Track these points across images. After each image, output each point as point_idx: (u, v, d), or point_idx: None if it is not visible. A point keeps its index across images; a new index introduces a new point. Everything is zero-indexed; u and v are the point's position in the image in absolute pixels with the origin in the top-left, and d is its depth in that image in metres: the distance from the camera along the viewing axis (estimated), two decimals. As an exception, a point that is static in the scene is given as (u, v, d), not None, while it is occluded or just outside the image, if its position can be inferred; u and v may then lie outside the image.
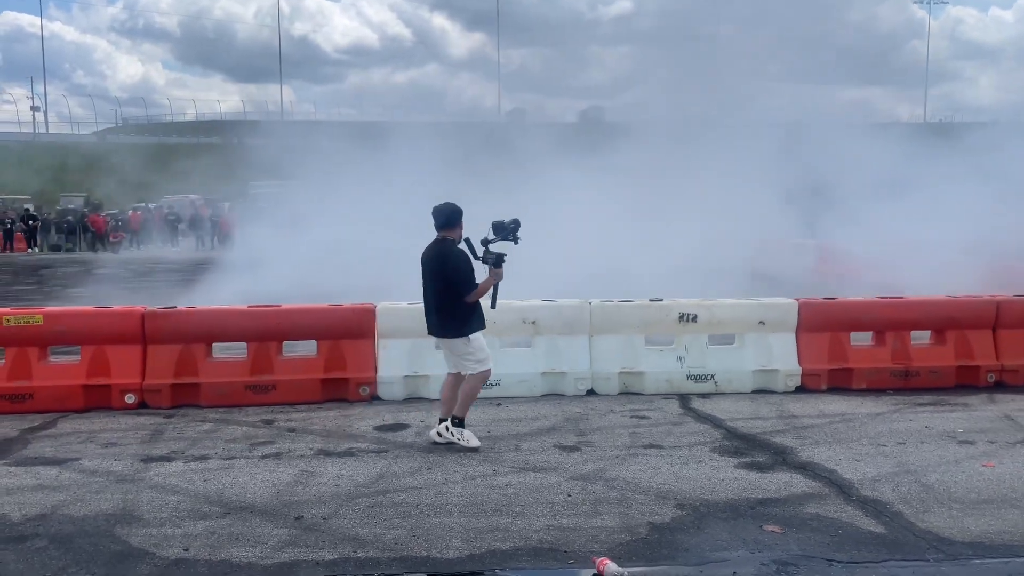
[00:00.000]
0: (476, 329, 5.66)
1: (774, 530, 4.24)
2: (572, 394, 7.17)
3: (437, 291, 5.63)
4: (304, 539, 4.15)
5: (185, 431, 6.15)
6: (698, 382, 7.26)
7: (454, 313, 5.61)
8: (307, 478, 5.08)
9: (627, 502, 4.64)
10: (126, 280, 18.95)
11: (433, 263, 5.63)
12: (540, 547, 4.04)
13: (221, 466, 5.32)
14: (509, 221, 5.59)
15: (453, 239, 5.61)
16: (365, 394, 7.07)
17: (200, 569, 3.81)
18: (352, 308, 7.36)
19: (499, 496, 4.74)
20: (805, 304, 7.46)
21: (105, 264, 23.89)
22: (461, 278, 5.54)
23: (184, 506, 4.60)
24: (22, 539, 4.16)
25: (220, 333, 7.22)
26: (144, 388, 6.79)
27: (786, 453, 5.55)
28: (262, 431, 6.17)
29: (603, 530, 4.24)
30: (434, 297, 5.66)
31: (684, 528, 4.27)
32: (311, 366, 7.12)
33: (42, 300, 14.86)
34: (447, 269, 5.55)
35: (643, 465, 5.29)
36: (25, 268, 22.60)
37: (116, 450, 5.67)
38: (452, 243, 5.60)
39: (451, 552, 3.99)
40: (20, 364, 6.75)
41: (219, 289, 13.40)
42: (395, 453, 5.62)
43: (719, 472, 5.15)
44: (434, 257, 5.63)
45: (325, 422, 6.41)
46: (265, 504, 4.64)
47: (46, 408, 6.65)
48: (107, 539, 4.15)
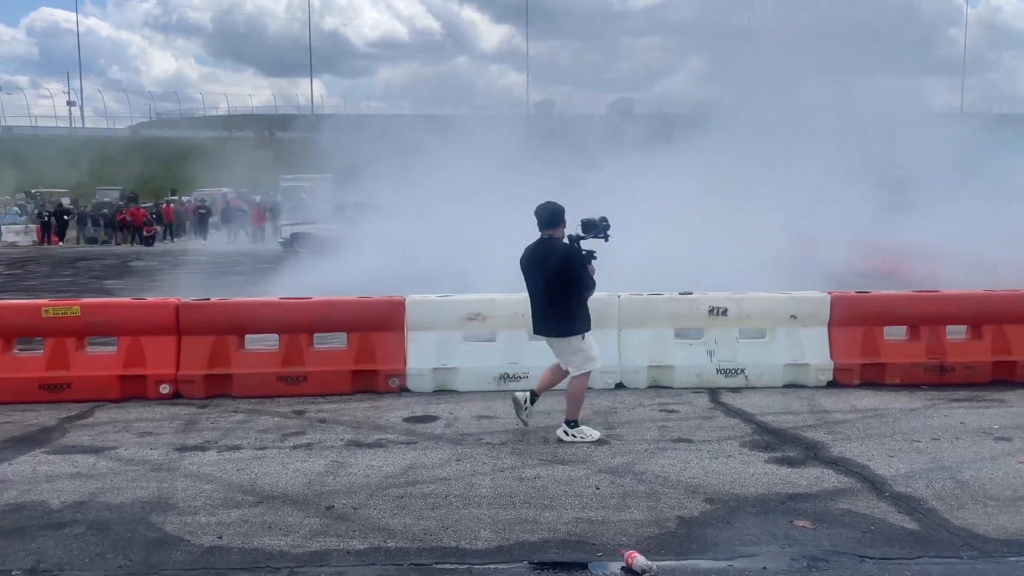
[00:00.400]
0: (588, 327, 5.67)
1: (805, 525, 4.21)
2: (600, 387, 7.15)
3: (550, 290, 5.60)
4: (335, 528, 4.20)
5: (218, 421, 6.25)
6: (728, 376, 7.21)
7: (569, 311, 5.60)
8: (338, 468, 5.14)
9: (656, 496, 4.63)
10: (166, 271, 19.24)
11: (546, 262, 5.58)
12: (568, 539, 4.05)
13: (253, 456, 5.40)
14: (599, 219, 5.62)
15: (559, 237, 5.60)
16: (394, 386, 7.12)
17: (233, 557, 3.87)
18: (382, 301, 7.41)
19: (528, 488, 4.75)
20: (838, 298, 7.37)
21: (142, 256, 24.30)
22: (585, 275, 5.53)
23: (217, 495, 4.67)
24: (61, 525, 4.25)
25: (252, 325, 7.32)
26: (178, 378, 6.90)
27: (817, 448, 5.50)
28: (293, 422, 6.24)
29: (632, 523, 4.24)
30: (546, 296, 5.62)
31: (713, 522, 4.25)
32: (341, 358, 7.19)
33: (79, 292, 15.16)
34: (565, 267, 5.53)
35: (672, 459, 5.27)
36: (62, 260, 23.05)
37: (151, 439, 5.78)
38: (561, 241, 5.58)
39: (480, 543, 4.01)
40: (58, 354, 6.90)
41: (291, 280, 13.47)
42: (424, 445, 5.65)
43: (749, 467, 5.11)
44: (546, 256, 5.59)
45: (355, 413, 6.47)
46: (297, 494, 4.70)
47: (83, 398, 6.79)
48: (143, 526, 4.23)
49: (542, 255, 5.63)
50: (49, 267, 20.92)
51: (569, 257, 5.56)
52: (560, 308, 5.62)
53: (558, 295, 5.60)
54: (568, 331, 5.64)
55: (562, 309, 5.61)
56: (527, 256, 5.73)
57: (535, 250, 5.70)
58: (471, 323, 7.30)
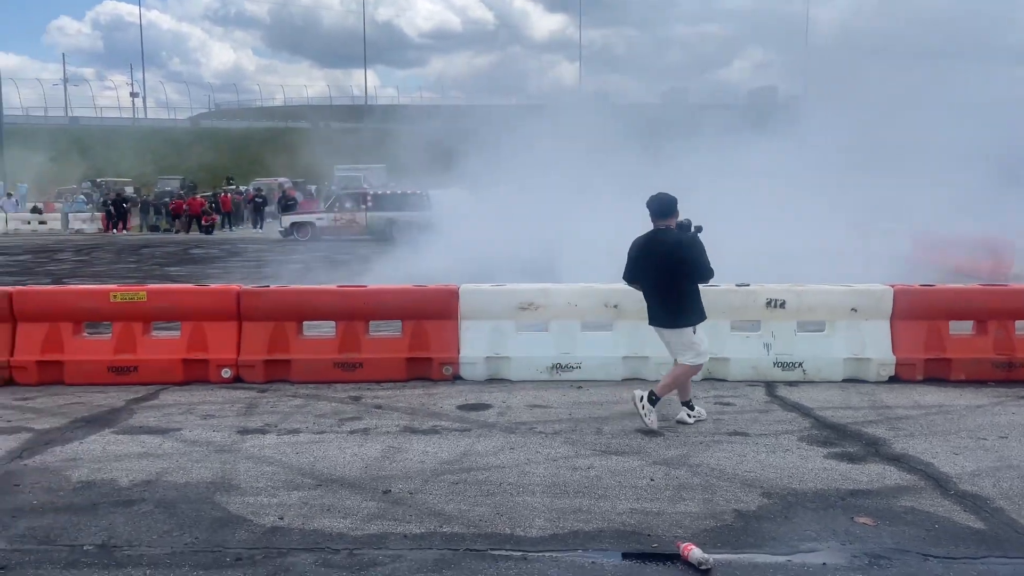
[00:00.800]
0: (703, 318, 5.71)
1: (866, 522, 4.13)
2: (654, 379, 7.08)
3: (672, 281, 5.60)
4: (392, 512, 4.26)
5: (278, 405, 6.39)
6: (785, 369, 7.10)
7: (689, 302, 5.62)
8: (394, 453, 5.21)
9: (711, 488, 4.59)
10: (225, 259, 19.72)
11: (667, 252, 5.58)
12: (623, 530, 4.04)
13: (312, 440, 5.51)
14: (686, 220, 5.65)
15: (672, 228, 5.61)
16: (448, 374, 7.18)
17: (294, 537, 3.96)
18: (436, 289, 7.48)
19: (581, 478, 4.76)
20: (901, 291, 7.17)
21: (201, 244, 24.92)
22: (705, 264, 5.54)
23: (278, 477, 4.79)
24: (130, 503, 4.41)
25: (310, 312, 7.46)
26: (239, 363, 7.07)
27: (879, 444, 5.38)
28: (350, 407, 6.35)
29: (687, 516, 4.21)
30: (666, 287, 5.63)
31: (771, 517, 4.20)
32: (396, 345, 7.28)
33: (144, 278, 15.63)
34: (687, 257, 5.53)
35: (728, 452, 5.22)
36: (126, 248, 23.77)
37: (214, 422, 5.94)
38: (679, 231, 5.58)
39: (534, 531, 4.03)
40: (125, 338, 7.13)
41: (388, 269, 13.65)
42: (478, 432, 5.70)
43: (807, 462, 5.03)
44: (666, 246, 5.59)
45: (410, 400, 6.55)
46: (354, 477, 4.78)
47: (149, 380, 7.00)
48: (207, 505, 4.36)
49: (660, 245, 5.61)
50: (114, 254, 21.60)
51: (691, 246, 5.54)
52: (677, 298, 5.62)
53: (676, 285, 5.60)
54: (684, 321, 5.64)
55: (679, 299, 5.61)
56: (642, 247, 5.72)
57: (651, 241, 5.68)
58: (524, 313, 7.31)
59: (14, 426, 5.83)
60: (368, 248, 21.92)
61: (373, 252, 20.75)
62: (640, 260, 5.74)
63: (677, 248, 5.57)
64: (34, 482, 4.71)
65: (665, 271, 5.63)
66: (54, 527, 4.09)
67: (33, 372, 6.98)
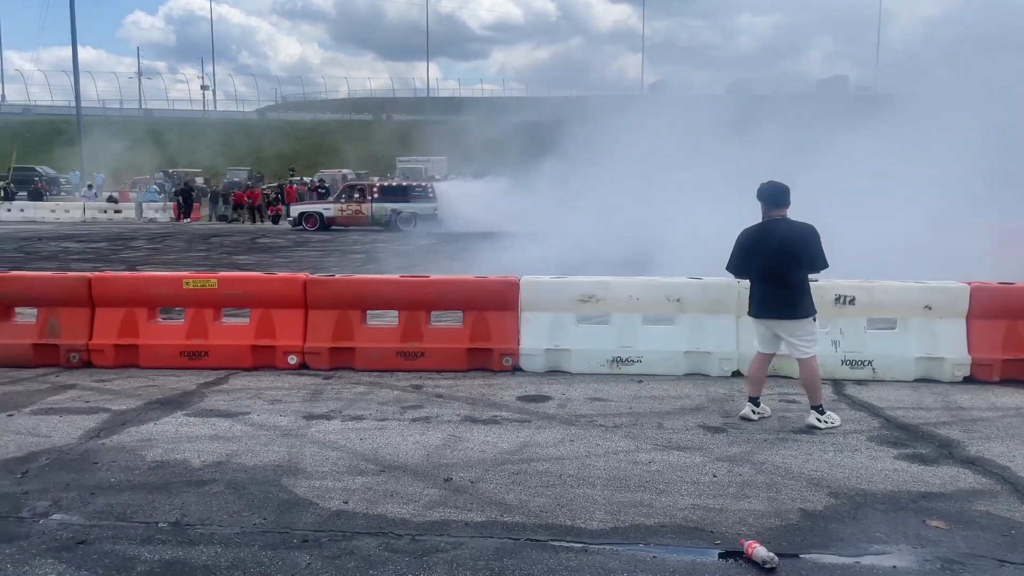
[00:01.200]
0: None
1: (938, 526, 4.00)
2: (716, 375, 7.02)
3: (789, 272, 5.49)
4: (453, 500, 4.31)
5: (342, 392, 6.51)
6: (854, 368, 6.91)
7: (804, 292, 5.53)
8: (455, 442, 5.26)
9: (776, 487, 4.50)
10: (291, 248, 20.17)
11: (785, 242, 5.47)
12: (685, 525, 4.01)
13: (375, 426, 5.60)
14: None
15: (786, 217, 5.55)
16: (508, 365, 7.21)
17: (358, 521, 4.04)
18: (497, 280, 7.51)
19: (642, 472, 4.73)
20: (978, 289, 6.91)
21: (268, 234, 25.52)
22: (823, 253, 5.47)
23: (343, 462, 4.88)
24: (201, 483, 4.55)
25: (374, 301, 7.58)
26: (305, 350, 7.23)
27: (952, 446, 5.20)
28: (411, 395, 6.43)
29: (751, 513, 4.14)
30: (782, 278, 5.50)
31: (839, 517, 4.10)
32: (457, 336, 7.34)
33: (214, 266, 16.09)
34: (806, 247, 5.46)
35: (793, 450, 5.12)
36: (196, 236, 24.48)
37: (281, 407, 6.09)
38: (795, 221, 5.52)
39: (595, 523, 4.02)
40: (197, 324, 7.35)
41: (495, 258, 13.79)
42: (537, 424, 5.71)
43: (877, 462, 4.90)
44: (786, 235, 5.48)
45: (470, 390, 6.60)
46: (416, 465, 4.85)
47: (219, 365, 7.21)
48: (275, 488, 4.47)
49: (775, 235, 5.50)
50: (185, 243, 22.27)
51: (810, 235, 5.45)
52: (795, 289, 5.51)
53: (793, 275, 5.50)
54: (804, 312, 5.53)
55: (797, 290, 5.51)
56: (754, 237, 5.61)
57: (763, 231, 5.58)
58: (584, 305, 7.29)
59: (92, 407, 6.07)
60: (447, 239, 22.15)
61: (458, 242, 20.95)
62: (752, 251, 5.60)
63: (797, 238, 5.45)
64: (111, 460, 4.90)
65: (782, 261, 5.48)
66: (130, 504, 4.25)
67: (110, 355, 7.26)
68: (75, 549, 3.73)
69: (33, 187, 38.57)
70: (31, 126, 61.66)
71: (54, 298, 7.45)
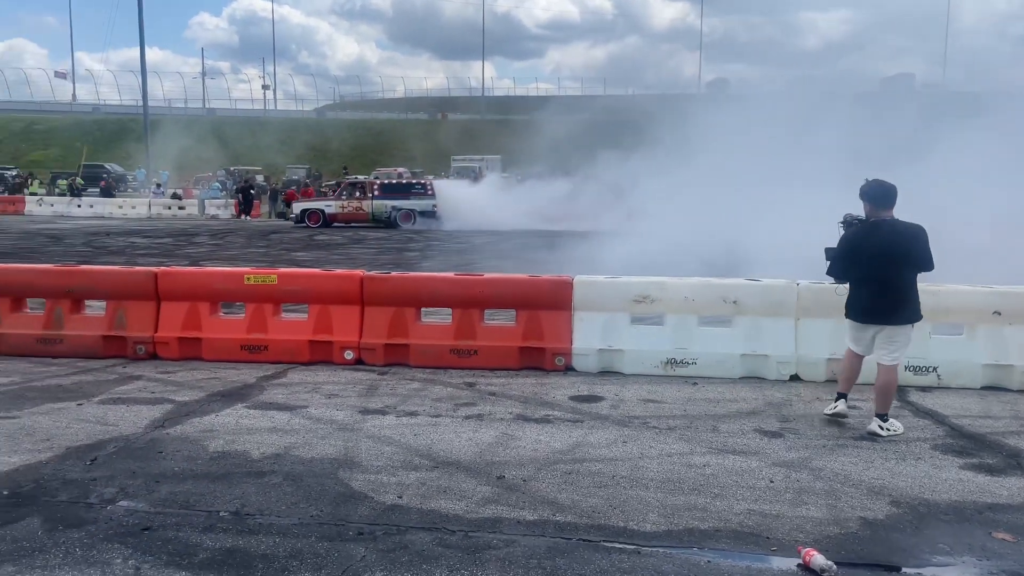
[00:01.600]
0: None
1: (1005, 538, 3.87)
2: (774, 378, 6.90)
3: (897, 274, 5.36)
4: (506, 498, 4.32)
5: (396, 388, 6.59)
6: (917, 374, 6.72)
7: (914, 297, 5.40)
8: (507, 440, 5.28)
9: (835, 494, 4.41)
10: (347, 246, 20.48)
11: (894, 243, 5.32)
12: (740, 531, 3.95)
13: (429, 423, 5.66)
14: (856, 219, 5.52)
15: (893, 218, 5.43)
16: (560, 364, 7.20)
17: (412, 516, 4.08)
18: (550, 280, 7.51)
19: (697, 475, 4.67)
20: (1051, 294, 6.65)
21: (325, 231, 25.94)
22: (931, 256, 5.33)
23: (397, 457, 4.94)
24: (261, 474, 4.66)
25: (428, 298, 7.65)
26: (361, 346, 7.34)
27: (1021, 456, 5.02)
28: (465, 393, 6.47)
29: (809, 520, 4.07)
30: (889, 282, 5.36)
31: (901, 527, 4.00)
32: (510, 334, 7.36)
33: (273, 262, 16.43)
34: (915, 249, 5.31)
35: (854, 457, 5.00)
36: (256, 233, 25.03)
37: (337, 401, 6.19)
38: (906, 223, 5.38)
39: (648, 526, 4.00)
40: (257, 319, 7.53)
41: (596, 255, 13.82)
42: (590, 424, 5.69)
43: (941, 471, 4.76)
44: (894, 236, 5.33)
45: (523, 388, 6.61)
46: (469, 461, 4.88)
47: (278, 359, 7.37)
48: (331, 481, 4.55)
49: (883, 236, 5.35)
50: (245, 239, 22.79)
51: (919, 237, 5.30)
52: (905, 293, 5.37)
53: (901, 278, 5.37)
54: (910, 317, 5.39)
55: (907, 294, 5.38)
56: (860, 238, 5.44)
57: (870, 232, 5.41)
58: (638, 306, 7.24)
59: (158, 397, 6.26)
60: (502, 238, 22.27)
61: (512, 241, 21.08)
62: (856, 253, 5.44)
63: (906, 239, 5.29)
64: (175, 450, 5.05)
65: (889, 264, 5.32)
66: (193, 493, 4.37)
67: (174, 347, 7.49)
68: (140, 535, 3.86)
69: (102, 184, 39.94)
70: (100, 125, 63.89)
71: (122, 292, 7.70)
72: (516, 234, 23.65)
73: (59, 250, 19.06)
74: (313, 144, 58.06)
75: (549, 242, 18.14)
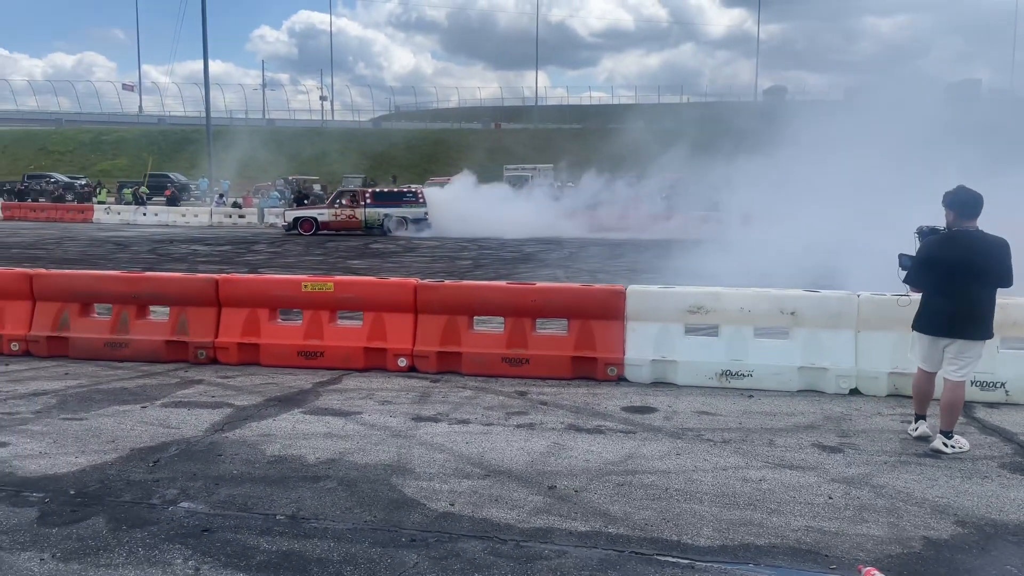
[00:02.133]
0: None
1: (1080, 564, 3.70)
2: (832, 392, 6.74)
3: (978, 287, 5.17)
4: (558, 508, 4.31)
5: (449, 396, 6.63)
6: (984, 389, 6.49)
7: (989, 312, 5.24)
8: (558, 450, 5.26)
9: (897, 512, 4.28)
10: (401, 254, 20.72)
11: (977, 255, 5.14)
12: (798, 548, 3.86)
13: (481, 431, 5.68)
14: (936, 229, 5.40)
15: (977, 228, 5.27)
16: (612, 375, 7.16)
17: (464, 524, 4.10)
18: (602, 289, 7.49)
19: (752, 490, 4.59)
20: None
21: (379, 240, 26.28)
22: (1009, 270, 5.17)
23: (449, 464, 4.97)
24: (316, 479, 4.73)
25: (481, 307, 7.68)
26: (414, 353, 7.41)
27: (1097, 479, 4.80)
28: (516, 401, 6.48)
29: (869, 539, 3.96)
30: (969, 294, 5.17)
31: (966, 548, 3.86)
32: (562, 343, 7.34)
33: (329, 270, 16.71)
34: (996, 261, 5.13)
35: (916, 475, 4.85)
36: (313, 241, 25.47)
37: (391, 408, 6.26)
38: (991, 234, 5.23)
39: (703, 540, 3.94)
40: (314, 326, 7.66)
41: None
42: (643, 435, 5.64)
43: (1009, 491, 4.58)
44: (977, 247, 5.15)
45: (574, 398, 6.59)
46: (521, 471, 4.88)
47: (333, 365, 7.48)
48: (385, 487, 4.60)
49: (966, 246, 5.17)
50: (303, 247, 23.22)
51: (1002, 250, 5.13)
52: (982, 308, 5.20)
53: (982, 292, 5.19)
54: (984, 334, 5.21)
55: (983, 309, 5.20)
56: (941, 248, 5.26)
57: (951, 241, 5.24)
58: (692, 316, 7.15)
59: (218, 401, 6.42)
60: (554, 247, 22.29)
61: (562, 249, 21.12)
62: (935, 263, 5.26)
63: (989, 251, 5.11)
64: (234, 453, 5.17)
65: (968, 276, 5.14)
66: (251, 496, 4.46)
67: (234, 353, 7.66)
68: (200, 536, 3.95)
69: (167, 193, 41.19)
70: (165, 135, 65.98)
71: (185, 298, 7.93)
72: (570, 242, 23.68)
73: (125, 257, 19.70)
74: (369, 153, 59.00)
75: (609, 251, 18.07)
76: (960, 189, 5.27)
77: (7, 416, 5.92)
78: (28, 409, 6.12)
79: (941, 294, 5.27)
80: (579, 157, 34.42)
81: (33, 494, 4.45)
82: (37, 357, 7.86)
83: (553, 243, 23.76)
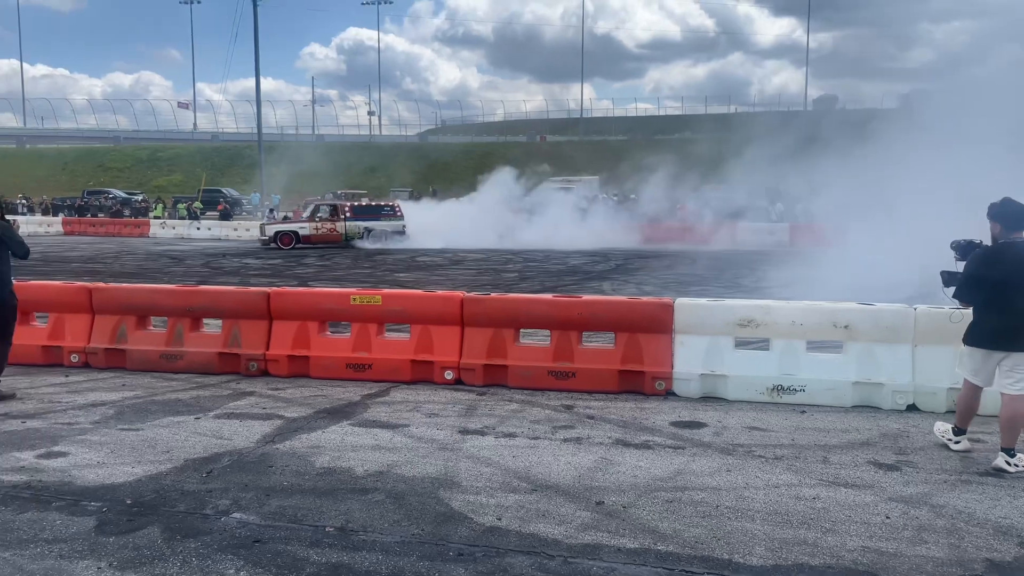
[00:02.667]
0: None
1: None
2: (888, 408, 6.56)
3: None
4: (606, 524, 4.26)
5: (495, 409, 6.63)
6: (1049, 406, 6.24)
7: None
8: (606, 465, 5.21)
9: (958, 533, 4.14)
10: (447, 267, 20.85)
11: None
12: (854, 568, 3.76)
13: (527, 444, 5.66)
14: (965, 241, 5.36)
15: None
16: (660, 389, 7.08)
17: (511, 539, 4.08)
18: (650, 302, 7.43)
19: (806, 508, 4.48)
20: None
21: (426, 253, 26.49)
22: None
23: (496, 478, 4.96)
24: (364, 491, 4.76)
25: (527, 320, 7.67)
26: (460, 366, 7.43)
27: None
28: (563, 415, 6.44)
29: (929, 560, 3.83)
30: (1016, 306, 5.12)
31: (1033, 572, 3.71)
32: (609, 357, 7.29)
33: (376, 283, 16.89)
34: None
35: (978, 495, 4.69)
36: (362, 254, 25.78)
37: (438, 420, 6.28)
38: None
39: (755, 559, 3.86)
40: (362, 338, 7.74)
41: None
42: (692, 451, 5.55)
43: (1079, 513, 4.40)
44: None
45: (622, 412, 6.53)
46: (568, 486, 4.84)
47: (381, 378, 7.55)
48: (432, 500, 4.61)
49: (1015, 259, 5.11)
50: (352, 260, 23.52)
51: None
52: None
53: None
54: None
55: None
56: (988, 261, 5.20)
57: (1000, 254, 5.17)
58: (742, 329, 7.05)
59: (268, 413, 6.52)
60: (621, 256, 22.22)
61: (628, 260, 21.05)
62: (984, 276, 5.19)
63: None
64: (284, 465, 5.23)
65: (1019, 288, 5.05)
66: (300, 507, 4.51)
67: (284, 365, 7.78)
68: (252, 547, 4.00)
69: (220, 207, 42.16)
70: (219, 151, 67.64)
71: (237, 311, 8.08)
72: (617, 253, 23.55)
73: (180, 270, 20.19)
74: (416, 168, 59.61)
75: (650, 261, 17.85)
76: (1007, 201, 5.18)
77: (67, 426, 6.10)
78: (87, 420, 6.29)
79: (994, 308, 5.17)
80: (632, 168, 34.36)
81: (91, 503, 4.57)
82: (95, 368, 8.09)
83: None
